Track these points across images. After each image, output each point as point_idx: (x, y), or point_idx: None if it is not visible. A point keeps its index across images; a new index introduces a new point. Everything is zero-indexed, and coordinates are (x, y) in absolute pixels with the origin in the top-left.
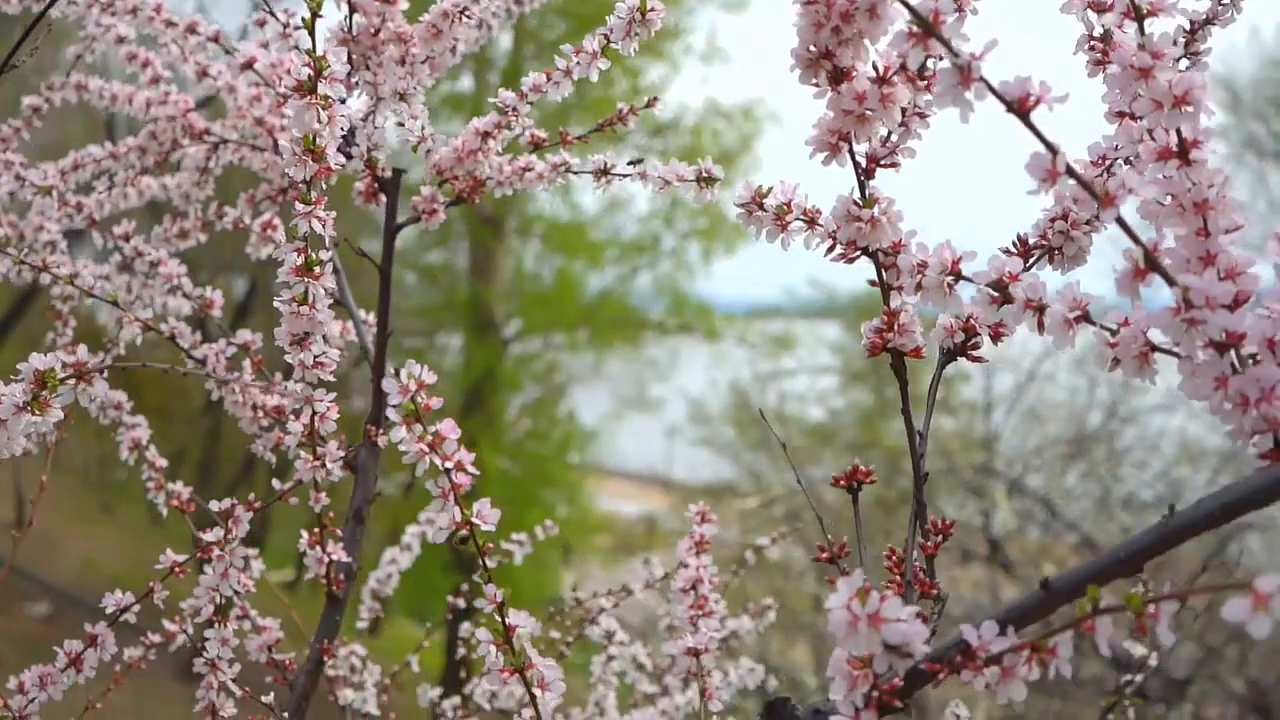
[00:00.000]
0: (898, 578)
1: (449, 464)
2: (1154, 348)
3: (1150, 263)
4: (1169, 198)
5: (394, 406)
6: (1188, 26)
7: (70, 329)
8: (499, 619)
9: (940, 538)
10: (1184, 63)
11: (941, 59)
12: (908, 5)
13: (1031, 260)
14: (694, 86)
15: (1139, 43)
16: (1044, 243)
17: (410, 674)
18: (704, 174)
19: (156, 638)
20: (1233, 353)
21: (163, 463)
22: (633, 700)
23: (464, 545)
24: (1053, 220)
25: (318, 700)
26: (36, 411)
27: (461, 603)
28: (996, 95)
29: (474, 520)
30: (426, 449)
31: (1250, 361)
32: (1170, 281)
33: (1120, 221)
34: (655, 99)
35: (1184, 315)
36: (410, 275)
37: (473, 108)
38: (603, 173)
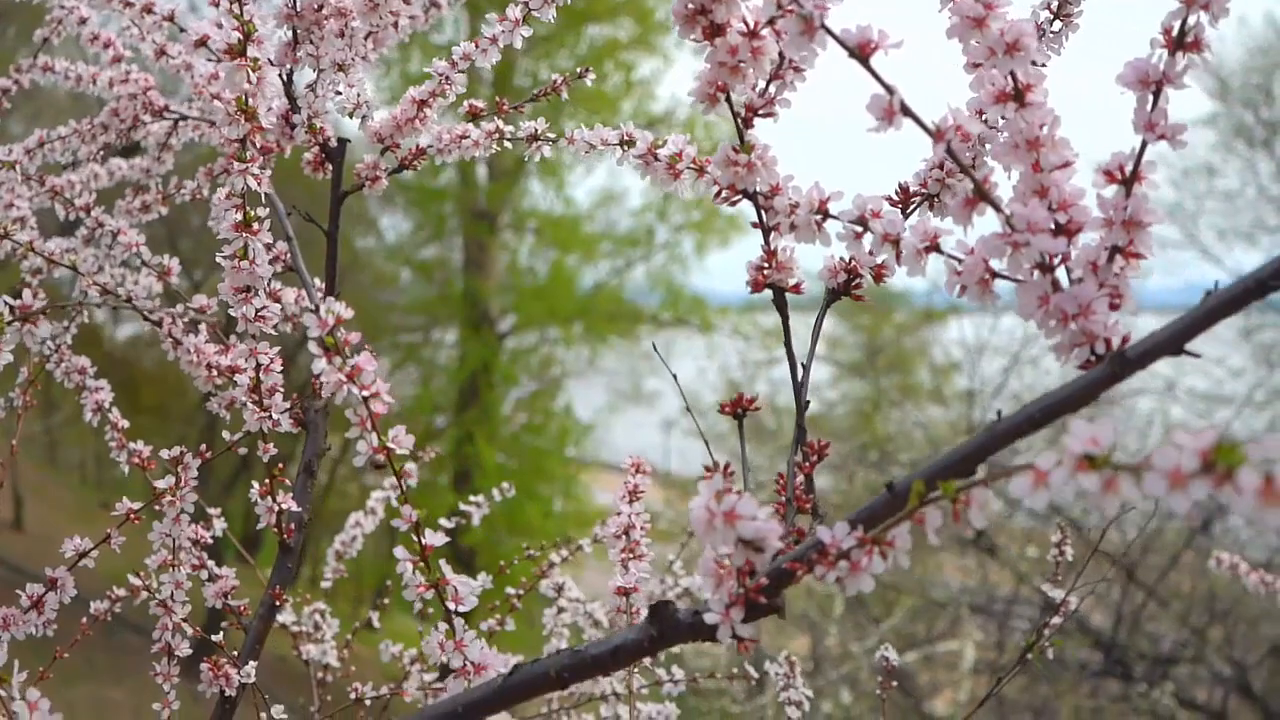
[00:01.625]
0: (781, 497)
1: (367, 393)
2: (994, 274)
3: (980, 193)
4: (1005, 136)
5: (313, 339)
6: None
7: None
8: (415, 538)
9: (816, 458)
10: (1057, 24)
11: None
12: None
13: (912, 206)
14: (687, 80)
15: None
16: (923, 190)
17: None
18: (625, 138)
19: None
20: (1062, 274)
21: (124, 424)
22: None
23: (380, 469)
24: (931, 169)
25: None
26: None
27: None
28: (839, 42)
29: (390, 445)
30: (345, 379)
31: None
32: (998, 210)
33: (950, 153)
34: (588, 69)
35: (1010, 239)
36: (405, 271)
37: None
38: (533, 138)
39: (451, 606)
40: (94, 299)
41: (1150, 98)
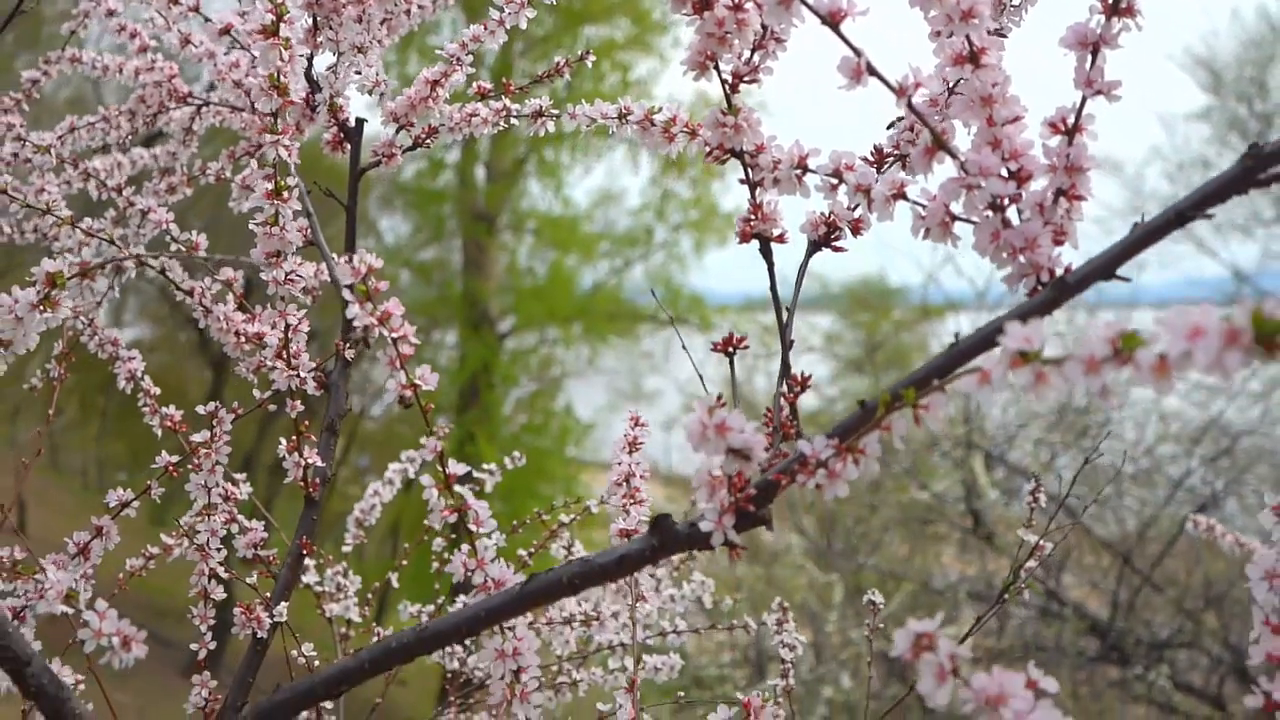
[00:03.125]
0: (769, 427)
1: (395, 335)
2: (953, 216)
3: (938, 142)
4: (963, 96)
5: (347, 287)
6: None
7: None
8: (440, 468)
9: (800, 388)
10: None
11: None
12: None
13: (886, 165)
14: (683, 79)
15: None
16: (895, 151)
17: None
18: (623, 111)
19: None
20: (1013, 214)
21: (156, 390)
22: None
23: (408, 407)
24: (901, 131)
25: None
26: (47, 308)
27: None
28: (813, 11)
29: (417, 382)
30: (376, 322)
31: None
32: (955, 157)
33: (912, 108)
34: (588, 53)
35: (965, 182)
36: (405, 273)
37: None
38: (538, 114)
39: (472, 529)
40: (132, 270)
41: (1089, 57)
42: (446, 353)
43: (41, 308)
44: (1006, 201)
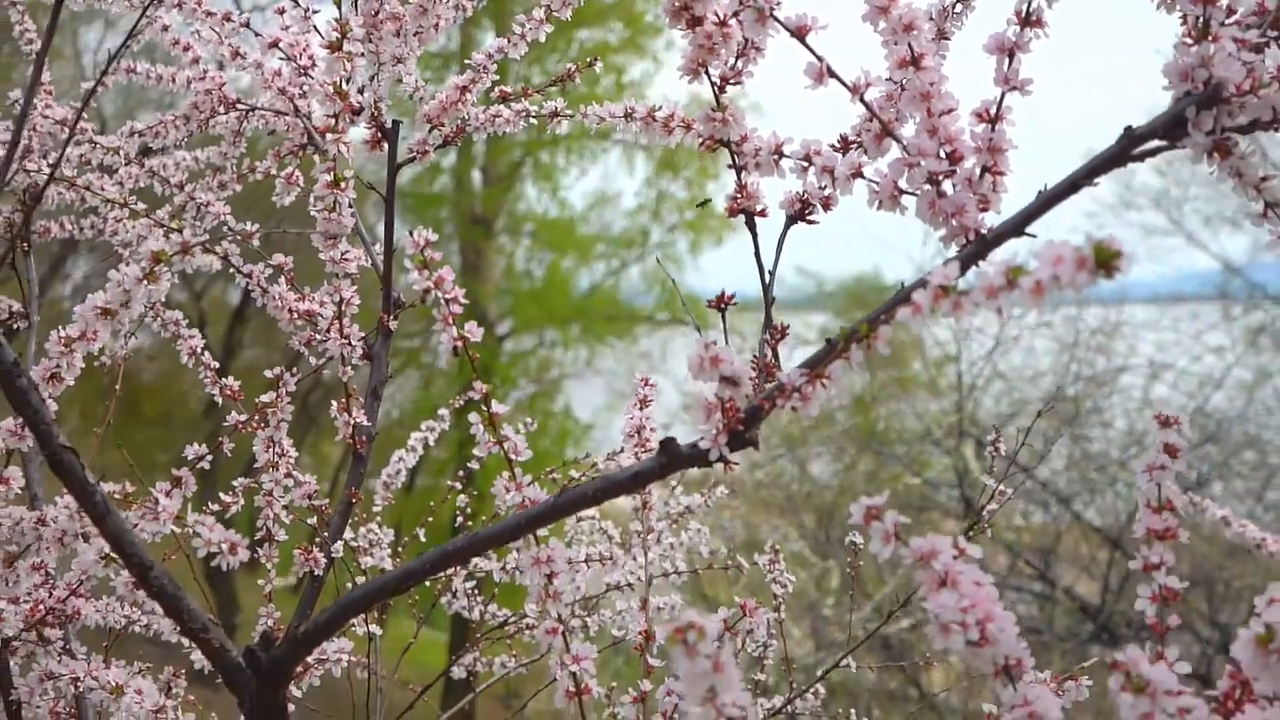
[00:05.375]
0: (755, 372)
1: (448, 296)
2: (900, 190)
3: (885, 130)
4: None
5: (409, 256)
6: None
7: None
8: (485, 408)
9: (780, 336)
10: (959, 6)
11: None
12: None
13: (852, 150)
14: (677, 82)
15: None
16: (858, 139)
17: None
18: (628, 111)
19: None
20: (948, 186)
21: (215, 364)
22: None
23: (458, 355)
24: (861, 122)
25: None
26: (151, 282)
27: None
28: (784, 26)
29: (465, 334)
30: (433, 285)
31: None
32: (899, 142)
33: (865, 104)
34: (595, 59)
35: (907, 162)
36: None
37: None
38: (554, 115)
39: (512, 458)
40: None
41: (1006, 59)
42: (445, 356)
43: (146, 282)
44: (941, 177)
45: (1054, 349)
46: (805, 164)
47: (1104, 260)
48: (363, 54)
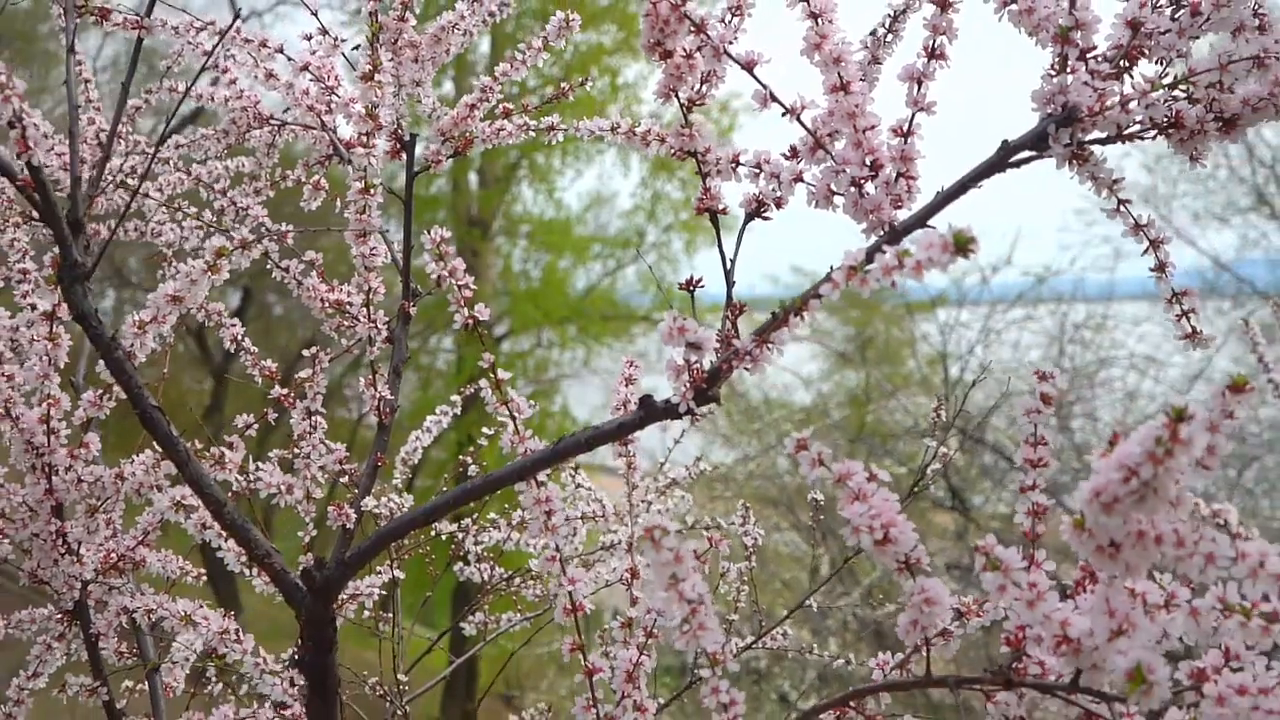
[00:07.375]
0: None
1: (460, 282)
2: (832, 191)
3: (818, 143)
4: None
5: (426, 250)
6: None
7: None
8: (492, 375)
9: (739, 311)
10: (889, 36)
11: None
12: (689, 18)
13: (800, 158)
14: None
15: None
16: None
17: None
18: (614, 125)
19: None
20: (870, 188)
21: (255, 350)
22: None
23: (470, 332)
24: (804, 137)
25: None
26: (214, 272)
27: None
28: (734, 60)
29: (475, 315)
30: (447, 274)
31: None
32: (828, 152)
33: (800, 122)
34: (587, 78)
35: (835, 168)
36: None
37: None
38: (551, 128)
39: (515, 415)
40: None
41: (915, 85)
42: (444, 357)
43: (210, 272)
44: (863, 181)
45: (1043, 342)
46: (757, 170)
47: (961, 245)
48: (385, 81)
